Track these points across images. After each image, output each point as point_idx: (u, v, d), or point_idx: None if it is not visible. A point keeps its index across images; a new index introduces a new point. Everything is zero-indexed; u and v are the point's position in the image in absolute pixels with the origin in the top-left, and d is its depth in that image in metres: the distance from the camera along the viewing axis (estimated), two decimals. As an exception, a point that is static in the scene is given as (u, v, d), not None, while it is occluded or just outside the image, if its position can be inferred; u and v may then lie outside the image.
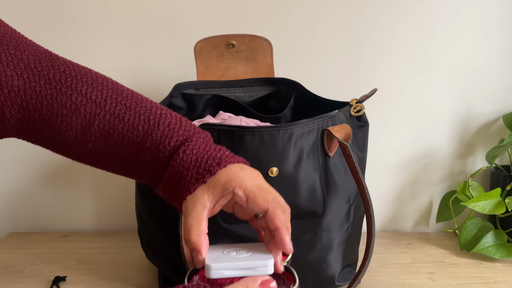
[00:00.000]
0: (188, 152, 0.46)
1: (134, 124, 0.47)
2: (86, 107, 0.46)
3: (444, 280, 0.74)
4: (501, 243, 0.83)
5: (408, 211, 1.02)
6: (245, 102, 0.84)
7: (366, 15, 0.95)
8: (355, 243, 0.71)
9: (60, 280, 0.72)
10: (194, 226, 0.43)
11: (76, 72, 0.48)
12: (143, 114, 0.47)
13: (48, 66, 0.47)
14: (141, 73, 0.96)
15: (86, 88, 0.47)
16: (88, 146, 0.47)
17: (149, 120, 0.47)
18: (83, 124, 0.46)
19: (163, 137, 0.47)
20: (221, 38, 0.82)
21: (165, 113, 0.48)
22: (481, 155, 1.00)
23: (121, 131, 0.46)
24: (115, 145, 0.47)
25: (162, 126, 0.47)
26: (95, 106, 0.46)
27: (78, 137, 0.47)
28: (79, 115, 0.46)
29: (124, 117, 0.47)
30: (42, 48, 0.50)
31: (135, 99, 0.48)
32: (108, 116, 0.46)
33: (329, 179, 0.65)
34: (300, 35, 0.95)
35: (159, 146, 0.46)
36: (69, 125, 0.46)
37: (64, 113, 0.46)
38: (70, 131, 0.46)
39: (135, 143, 0.47)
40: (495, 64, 0.97)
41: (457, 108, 0.98)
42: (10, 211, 1.00)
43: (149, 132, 0.47)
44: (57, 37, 0.94)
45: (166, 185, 0.47)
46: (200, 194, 0.45)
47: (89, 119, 0.46)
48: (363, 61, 0.96)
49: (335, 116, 0.65)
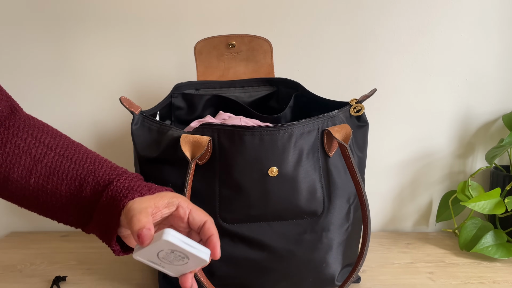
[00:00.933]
0: (121, 181, 0.51)
1: (81, 163, 0.52)
2: (38, 149, 0.52)
3: (444, 280, 0.74)
4: (501, 243, 0.83)
5: (408, 211, 1.02)
6: (245, 102, 0.84)
7: (366, 15, 0.95)
8: (355, 243, 0.71)
9: (60, 280, 0.73)
10: (143, 213, 0.45)
11: (35, 123, 0.55)
12: (90, 157, 0.53)
13: (10, 117, 0.54)
14: (141, 73, 0.97)
15: (41, 135, 0.53)
16: (31, 182, 0.51)
17: (95, 162, 0.53)
18: (31, 163, 0.51)
19: (105, 174, 0.51)
20: (221, 38, 0.82)
21: (109, 161, 0.55)
22: (480, 155, 1.00)
23: (67, 169, 0.51)
24: (58, 181, 0.51)
25: (105, 167, 0.53)
26: (46, 148, 0.52)
27: (23, 173, 0.51)
28: (29, 155, 0.51)
29: (72, 158, 0.52)
30: (13, 101, 0.56)
31: (84, 148, 0.55)
32: (57, 157, 0.52)
33: (329, 179, 0.65)
34: (300, 35, 0.95)
35: (100, 181, 0.51)
36: (17, 162, 0.51)
37: (15, 153, 0.51)
38: (17, 168, 0.51)
39: (77, 179, 0.51)
40: (495, 64, 0.97)
41: (456, 108, 0.98)
42: (10, 211, 1.01)
43: (92, 170, 0.52)
44: (57, 37, 0.95)
45: (101, 212, 0.49)
46: (145, 200, 0.48)
47: (38, 158, 0.51)
48: (363, 61, 0.96)
49: (335, 116, 0.66)
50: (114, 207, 0.48)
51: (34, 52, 0.95)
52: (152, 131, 0.66)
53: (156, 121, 0.67)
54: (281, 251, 0.63)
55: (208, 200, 0.63)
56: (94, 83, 0.96)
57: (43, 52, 0.95)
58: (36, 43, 0.95)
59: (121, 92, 0.96)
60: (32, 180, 0.51)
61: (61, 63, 0.96)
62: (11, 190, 0.52)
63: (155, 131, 0.65)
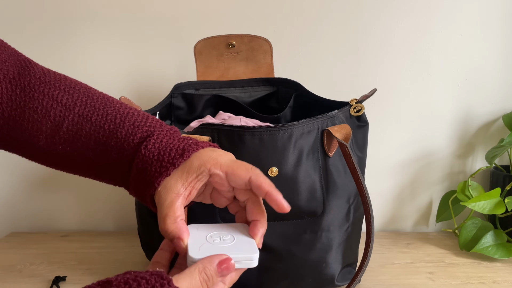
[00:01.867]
0: (150, 147, 0.45)
1: (101, 124, 0.47)
2: (56, 110, 0.47)
3: (443, 280, 0.74)
4: (501, 243, 0.83)
5: (407, 211, 1.02)
6: (245, 102, 0.84)
7: (366, 15, 0.95)
8: (354, 243, 0.71)
9: (60, 280, 0.73)
10: (169, 214, 0.43)
11: (51, 78, 0.49)
12: (110, 113, 0.48)
13: (25, 74, 0.49)
14: (141, 73, 0.97)
15: (58, 92, 0.48)
16: (58, 149, 0.48)
17: (115, 119, 0.47)
18: (52, 127, 0.47)
19: (128, 135, 0.47)
20: (221, 38, 0.82)
21: (132, 112, 0.49)
22: (480, 155, 1.00)
23: (88, 131, 0.47)
24: (83, 147, 0.47)
25: (127, 124, 0.47)
26: (64, 109, 0.47)
27: (48, 141, 0.47)
28: (48, 119, 0.47)
29: (92, 118, 0.47)
30: (23, 56, 0.52)
31: (104, 101, 0.49)
32: (77, 118, 0.47)
33: (329, 179, 0.65)
34: (300, 35, 0.95)
35: (124, 144, 0.46)
36: (40, 129, 0.47)
37: (35, 118, 0.47)
38: (41, 135, 0.47)
39: (101, 142, 0.47)
40: (495, 64, 0.97)
41: (457, 108, 0.98)
42: (10, 211, 1.01)
43: (114, 131, 0.47)
44: (57, 37, 0.95)
45: (135, 184, 0.46)
46: (174, 183, 0.44)
47: (58, 122, 0.47)
48: (363, 61, 0.96)
49: (335, 116, 0.65)
50: (146, 185, 0.45)
51: (34, 52, 0.95)
52: (152, 131, 0.65)
53: (156, 121, 0.66)
54: (280, 251, 0.63)
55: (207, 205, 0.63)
56: (94, 83, 0.95)
57: (42, 52, 0.95)
58: (36, 43, 0.95)
59: (121, 92, 0.96)
60: (59, 147, 0.47)
61: (60, 63, 0.95)
62: (43, 157, 0.49)
63: (155, 131, 0.65)
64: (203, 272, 0.38)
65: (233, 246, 0.42)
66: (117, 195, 0.99)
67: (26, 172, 0.99)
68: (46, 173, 0.99)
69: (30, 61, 0.52)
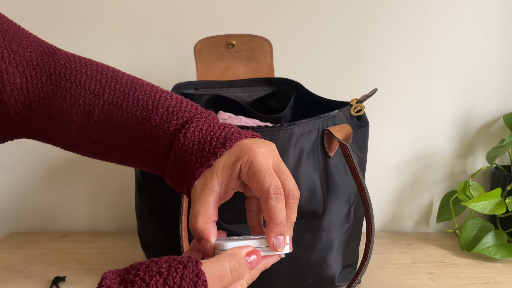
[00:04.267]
0: (189, 135, 0.43)
1: (133, 111, 0.45)
2: (85, 99, 0.45)
3: (444, 280, 0.74)
4: (502, 243, 0.83)
5: (408, 211, 1.02)
6: (245, 102, 0.84)
7: (366, 14, 0.95)
8: (355, 243, 0.71)
9: (60, 280, 0.72)
10: (201, 212, 0.40)
11: (76, 64, 0.47)
12: (141, 99, 0.46)
13: (49, 61, 0.47)
14: (142, 73, 0.96)
15: (85, 79, 0.46)
16: (92, 139, 0.46)
17: (147, 105, 0.45)
18: (83, 117, 0.45)
19: (162, 122, 0.44)
20: (221, 38, 0.82)
21: (164, 96, 0.46)
22: (481, 155, 1.00)
23: (120, 120, 0.45)
24: (116, 135, 0.45)
25: (160, 110, 0.45)
26: (93, 96, 0.45)
27: (80, 131, 0.46)
28: (78, 108, 0.45)
29: (123, 105, 0.45)
30: (45, 42, 0.50)
31: (134, 85, 0.47)
32: (107, 105, 0.45)
33: (329, 179, 0.65)
34: (300, 35, 0.95)
35: (159, 132, 0.44)
36: (70, 119, 0.45)
37: (64, 108, 0.45)
38: (72, 125, 0.45)
39: (134, 131, 0.45)
40: (495, 64, 0.97)
41: (457, 108, 0.98)
42: (10, 211, 1.00)
43: (147, 118, 0.45)
44: (56, 37, 0.94)
45: (172, 173, 0.44)
46: (209, 178, 0.41)
47: (88, 111, 0.45)
48: (363, 61, 0.96)
49: (335, 116, 0.65)
50: (185, 176, 0.43)
51: (34, 52, 0.95)
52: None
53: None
54: (281, 251, 0.63)
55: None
56: (94, 83, 0.96)
57: (42, 52, 0.95)
58: (36, 43, 0.95)
59: (121, 92, 0.95)
60: (93, 137, 0.45)
61: (60, 63, 0.95)
62: (79, 147, 0.47)
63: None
64: (234, 260, 0.36)
65: (259, 240, 0.40)
66: (117, 195, 0.99)
67: (26, 172, 0.99)
68: (46, 173, 0.99)
69: (53, 47, 0.49)
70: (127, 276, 0.34)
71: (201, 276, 0.34)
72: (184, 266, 0.34)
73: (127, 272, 0.34)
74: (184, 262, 0.34)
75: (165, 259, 0.35)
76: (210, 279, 0.34)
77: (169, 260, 0.34)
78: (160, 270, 0.33)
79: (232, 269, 0.36)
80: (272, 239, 0.39)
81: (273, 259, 0.40)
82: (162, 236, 0.67)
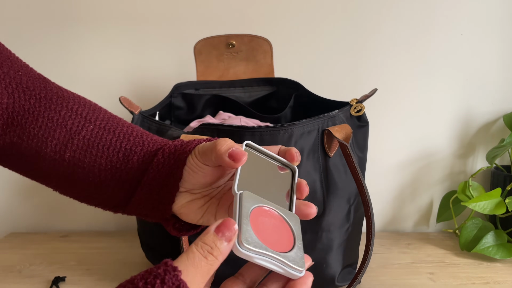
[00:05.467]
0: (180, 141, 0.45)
1: (126, 136, 0.46)
2: (74, 121, 0.46)
3: (444, 280, 0.74)
4: (502, 243, 0.83)
5: (408, 211, 1.02)
6: (245, 102, 0.84)
7: (366, 15, 0.95)
8: (355, 243, 0.71)
9: (60, 281, 0.72)
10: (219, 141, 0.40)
11: (69, 94, 0.49)
12: (136, 130, 0.47)
13: (41, 87, 0.48)
14: (141, 73, 0.96)
15: (78, 107, 0.47)
16: (65, 157, 0.46)
17: (143, 134, 0.47)
18: (67, 135, 0.46)
19: (157, 143, 0.46)
20: (221, 38, 0.82)
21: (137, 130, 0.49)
22: (481, 155, 1.00)
23: (109, 141, 0.46)
24: (98, 154, 0.46)
25: (156, 138, 0.47)
26: (84, 120, 0.47)
27: (57, 147, 0.46)
28: (64, 127, 0.46)
29: (115, 131, 0.47)
30: (36, 72, 0.51)
31: (129, 123, 0.49)
32: (97, 129, 0.46)
33: (329, 179, 0.65)
34: (300, 35, 0.95)
35: (151, 149, 0.46)
36: (51, 136, 0.46)
37: (48, 126, 0.46)
38: (50, 142, 0.46)
39: (121, 150, 0.46)
40: (495, 64, 0.97)
41: (457, 108, 0.98)
42: (10, 211, 1.00)
43: (140, 142, 0.46)
44: (57, 37, 0.94)
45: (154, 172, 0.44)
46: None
47: (74, 131, 0.46)
48: (363, 61, 0.96)
49: (335, 116, 0.65)
50: (176, 159, 0.43)
51: (34, 52, 0.95)
52: (151, 131, 0.65)
53: (155, 121, 0.66)
54: (281, 251, 0.63)
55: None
56: (94, 83, 0.96)
57: (42, 52, 0.95)
58: (36, 43, 0.95)
59: (121, 92, 0.95)
60: (68, 155, 0.45)
61: (60, 63, 0.95)
62: (44, 168, 0.47)
63: (155, 131, 0.65)
64: (199, 242, 0.34)
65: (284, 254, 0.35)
66: (117, 195, 0.99)
67: (25, 172, 0.99)
68: (46, 173, 0.99)
69: (44, 77, 0.50)
70: None
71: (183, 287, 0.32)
72: (161, 280, 0.32)
73: None
74: (161, 275, 0.32)
75: (141, 275, 0.33)
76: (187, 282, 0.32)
77: (145, 276, 0.32)
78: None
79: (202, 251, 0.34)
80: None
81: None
82: (161, 236, 0.67)
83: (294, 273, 0.35)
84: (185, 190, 0.44)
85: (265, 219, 0.37)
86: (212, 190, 0.45)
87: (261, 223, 0.37)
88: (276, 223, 0.38)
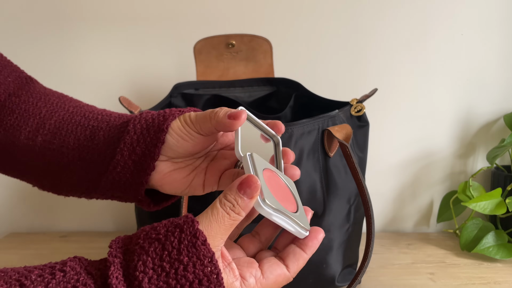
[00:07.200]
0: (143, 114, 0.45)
1: (94, 116, 0.47)
2: (48, 109, 0.48)
3: (444, 280, 0.74)
4: (502, 244, 0.83)
5: (408, 211, 1.01)
6: (245, 102, 0.84)
7: (366, 14, 0.94)
8: (355, 243, 0.71)
9: (60, 281, 0.72)
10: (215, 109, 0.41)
11: (53, 92, 0.51)
12: (108, 112, 0.48)
13: (26, 89, 0.50)
14: (141, 73, 0.96)
15: (54, 98, 0.49)
16: (37, 141, 0.47)
17: (112, 113, 0.48)
18: (39, 122, 0.47)
19: (124, 117, 0.46)
20: (221, 38, 0.82)
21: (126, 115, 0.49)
22: (481, 155, 1.00)
23: (77, 121, 0.47)
24: (66, 134, 0.46)
25: (125, 115, 0.47)
26: (57, 107, 0.48)
27: (30, 134, 0.47)
28: (38, 115, 0.47)
29: (85, 113, 0.47)
30: (25, 73, 0.53)
31: (104, 110, 0.49)
32: (68, 114, 0.47)
33: (329, 179, 0.65)
34: (300, 35, 0.95)
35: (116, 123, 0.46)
36: (25, 124, 0.47)
37: (24, 116, 0.48)
38: (24, 129, 0.47)
39: (88, 128, 0.46)
40: (496, 64, 0.97)
41: (457, 108, 0.98)
42: (9, 212, 1.00)
43: (107, 119, 0.46)
44: (57, 37, 0.94)
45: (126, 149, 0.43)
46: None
47: (47, 117, 0.47)
48: (363, 61, 0.96)
49: (336, 116, 0.65)
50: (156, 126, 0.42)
51: (33, 52, 0.95)
52: (151, 131, 0.65)
53: (155, 121, 0.66)
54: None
55: (208, 200, 0.62)
56: (94, 82, 0.96)
57: (42, 52, 0.95)
58: (35, 43, 0.95)
59: (121, 91, 0.95)
60: (39, 139, 0.46)
61: (60, 62, 0.95)
62: (18, 156, 0.48)
63: (155, 131, 0.65)
64: (223, 199, 0.35)
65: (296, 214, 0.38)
66: (117, 195, 0.99)
67: (25, 173, 0.99)
68: (46, 173, 0.99)
69: (32, 78, 0.52)
70: (129, 246, 0.34)
71: (199, 236, 0.34)
72: (180, 230, 0.34)
73: (130, 240, 0.35)
74: (181, 224, 0.34)
75: (164, 224, 0.35)
76: (209, 235, 0.34)
77: (167, 225, 0.35)
78: (158, 237, 0.34)
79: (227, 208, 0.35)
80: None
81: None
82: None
83: (303, 232, 0.38)
84: (166, 159, 0.44)
85: (273, 181, 0.39)
86: (194, 160, 0.45)
87: (272, 184, 0.38)
88: (282, 186, 0.40)
